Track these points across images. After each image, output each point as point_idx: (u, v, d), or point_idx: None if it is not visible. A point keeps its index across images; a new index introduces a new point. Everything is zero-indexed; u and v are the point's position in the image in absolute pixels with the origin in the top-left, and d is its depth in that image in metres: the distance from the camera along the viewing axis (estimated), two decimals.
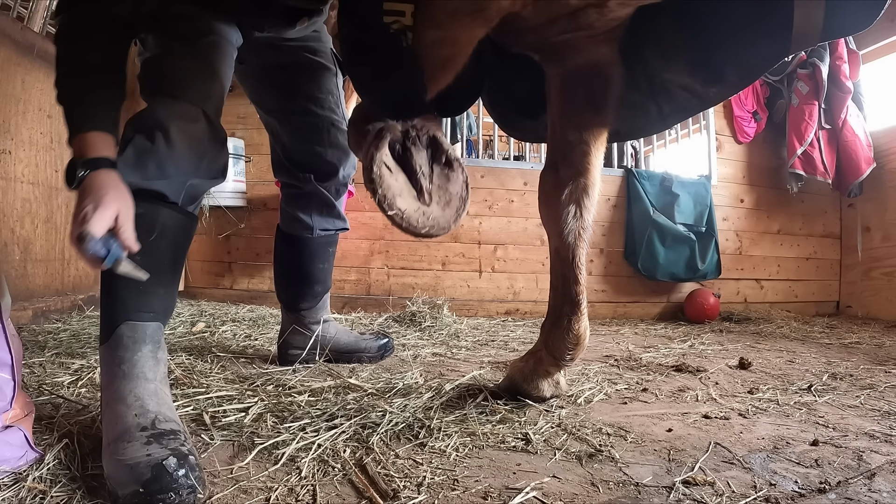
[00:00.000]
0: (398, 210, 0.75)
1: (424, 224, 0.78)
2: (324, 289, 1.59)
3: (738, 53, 1.04)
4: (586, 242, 1.16)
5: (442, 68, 1.01)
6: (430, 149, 0.82)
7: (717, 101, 1.19)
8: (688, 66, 1.08)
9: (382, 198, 0.75)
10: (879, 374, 1.61)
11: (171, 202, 0.98)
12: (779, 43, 0.97)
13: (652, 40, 1.09)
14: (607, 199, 3.13)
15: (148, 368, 0.90)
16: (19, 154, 2.01)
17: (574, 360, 1.18)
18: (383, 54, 0.97)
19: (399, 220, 0.76)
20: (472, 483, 0.81)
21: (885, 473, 0.87)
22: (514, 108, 1.40)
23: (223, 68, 1.08)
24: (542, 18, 0.99)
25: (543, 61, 1.19)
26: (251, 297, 2.92)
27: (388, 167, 0.77)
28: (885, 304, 3.10)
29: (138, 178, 0.92)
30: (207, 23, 1.09)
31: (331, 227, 1.54)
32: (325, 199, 1.50)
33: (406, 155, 0.79)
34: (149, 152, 0.93)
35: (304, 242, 1.53)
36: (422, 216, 0.78)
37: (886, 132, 3.19)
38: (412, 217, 0.77)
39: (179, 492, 0.70)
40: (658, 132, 2.60)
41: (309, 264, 1.54)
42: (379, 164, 0.75)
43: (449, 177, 0.83)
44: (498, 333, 2.30)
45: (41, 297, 2.12)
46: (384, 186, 0.75)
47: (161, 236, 0.96)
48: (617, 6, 0.94)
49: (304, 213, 1.50)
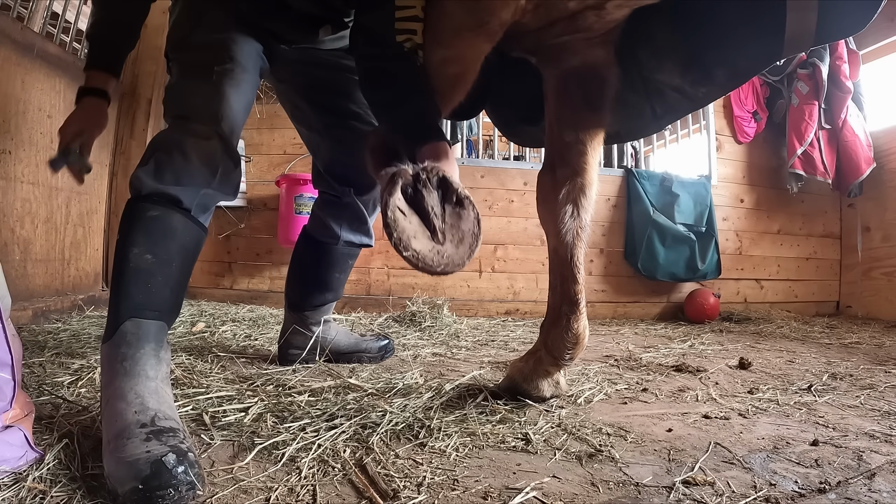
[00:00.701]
0: (413, 251, 0.79)
1: (440, 262, 0.81)
2: (334, 297, 1.61)
3: (728, 55, 1.05)
4: (584, 242, 1.17)
5: (453, 87, 1.04)
6: (441, 189, 0.86)
7: (706, 101, 1.21)
8: (678, 67, 1.09)
9: (398, 240, 0.78)
10: (879, 374, 1.61)
11: (183, 208, 1.02)
12: (771, 46, 0.98)
13: (645, 41, 1.10)
14: (607, 199, 3.13)
15: (150, 367, 0.90)
16: (19, 154, 2.01)
17: (574, 359, 1.18)
18: (398, 75, 1.00)
19: (415, 261, 0.79)
20: (472, 483, 0.81)
21: (885, 473, 0.87)
22: (515, 114, 1.41)
23: (235, 93, 1.11)
24: (541, 22, 0.99)
25: (540, 64, 1.19)
26: (251, 297, 2.92)
27: (402, 210, 0.81)
28: (885, 304, 3.10)
29: (156, 185, 0.99)
30: (226, 51, 1.13)
31: (356, 241, 1.55)
32: (358, 214, 1.51)
33: (418, 197, 0.83)
34: (167, 164, 1.01)
35: (326, 249, 1.54)
36: (436, 255, 0.81)
37: (886, 132, 3.19)
38: (427, 257, 0.80)
39: (178, 488, 0.70)
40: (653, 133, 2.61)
41: (327, 272, 1.56)
42: (393, 208, 0.79)
43: (461, 215, 0.86)
44: (498, 333, 2.30)
45: (41, 297, 2.12)
46: (399, 230, 0.78)
47: (171, 238, 0.99)
48: (614, 8, 0.95)
49: (335, 222, 1.51)
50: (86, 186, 2.45)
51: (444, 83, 1.03)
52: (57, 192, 2.24)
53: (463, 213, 0.86)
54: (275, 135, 3.06)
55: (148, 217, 0.98)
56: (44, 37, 2.17)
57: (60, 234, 2.28)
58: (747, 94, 3.34)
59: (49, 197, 2.20)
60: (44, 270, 2.17)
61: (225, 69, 1.12)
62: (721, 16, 1.01)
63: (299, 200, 2.70)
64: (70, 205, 2.34)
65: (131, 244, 0.96)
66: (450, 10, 0.96)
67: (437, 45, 0.99)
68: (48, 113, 2.16)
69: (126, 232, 0.98)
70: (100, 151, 2.54)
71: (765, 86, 3.37)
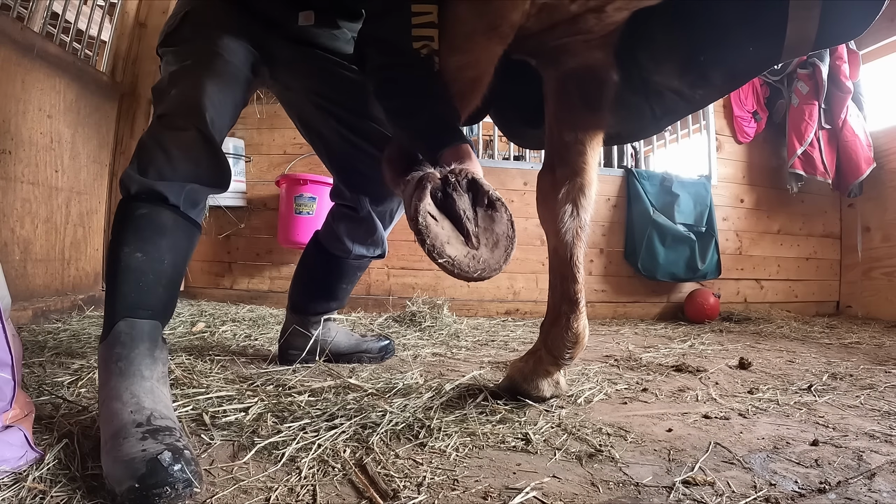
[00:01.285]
0: (448, 258, 0.76)
1: (476, 268, 0.78)
2: (338, 305, 1.60)
3: (725, 57, 1.05)
4: (584, 241, 1.17)
5: (471, 91, 1.06)
6: (471, 192, 0.83)
7: (704, 104, 1.22)
8: (676, 69, 1.10)
9: (431, 247, 0.76)
10: (879, 374, 1.61)
11: (171, 204, 1.01)
12: (769, 50, 0.98)
13: (645, 43, 1.10)
14: (607, 199, 3.13)
15: (145, 366, 0.90)
16: (19, 154, 2.01)
17: (573, 358, 1.18)
18: (414, 82, 1.00)
19: (451, 267, 0.77)
20: (472, 483, 0.81)
21: (885, 473, 0.87)
22: (518, 116, 1.41)
23: (216, 85, 1.10)
24: (543, 25, 1.00)
25: (540, 66, 1.20)
26: (251, 297, 2.92)
27: (433, 216, 0.78)
28: (885, 304, 3.10)
29: (143, 180, 1.00)
30: (209, 44, 1.13)
31: (368, 253, 1.53)
32: (372, 229, 1.47)
33: (448, 201, 0.80)
34: (149, 161, 1.01)
35: (336, 261, 1.53)
36: (472, 260, 0.79)
37: (886, 132, 3.19)
38: (463, 262, 0.78)
39: (175, 486, 0.70)
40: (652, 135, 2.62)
41: (334, 282, 1.55)
42: (424, 214, 0.76)
43: (493, 217, 0.84)
44: (498, 333, 2.30)
45: (41, 297, 2.12)
46: (431, 236, 0.76)
47: (160, 235, 0.99)
48: (614, 11, 0.95)
49: (348, 237, 1.48)
50: (86, 186, 2.45)
51: (462, 87, 1.04)
52: (57, 192, 2.24)
53: (496, 215, 0.84)
54: (275, 135, 3.06)
55: (137, 216, 0.98)
56: (44, 37, 2.17)
57: (60, 234, 2.28)
58: (747, 94, 3.34)
59: (49, 197, 2.19)
60: (44, 270, 2.17)
61: (205, 61, 1.11)
62: (719, 18, 1.01)
63: (299, 200, 2.70)
64: (70, 205, 2.34)
65: (122, 243, 0.97)
66: (462, 15, 0.97)
67: (452, 51, 1.00)
68: (48, 113, 2.16)
69: (117, 232, 0.99)
70: (99, 151, 2.54)
71: (765, 86, 3.37)
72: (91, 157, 2.48)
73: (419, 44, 0.98)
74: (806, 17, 0.91)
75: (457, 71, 1.02)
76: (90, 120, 2.44)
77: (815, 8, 0.90)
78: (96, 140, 2.50)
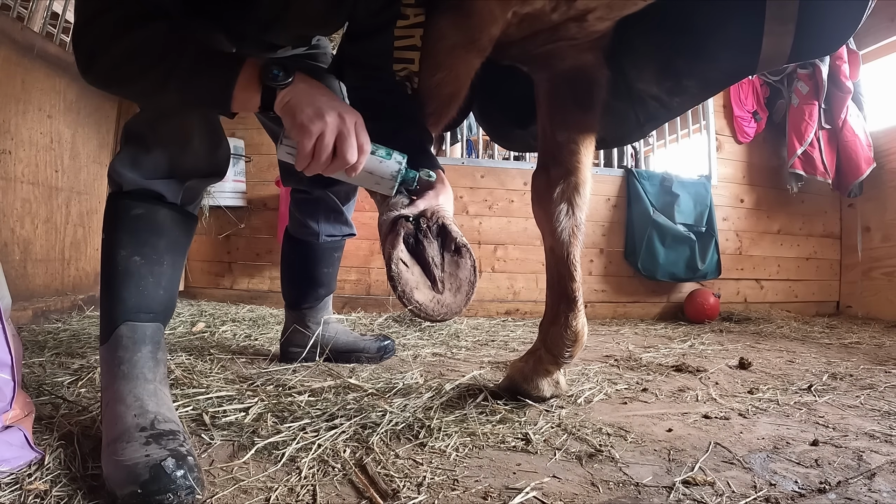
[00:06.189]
0: (416, 304, 0.83)
1: (439, 312, 0.86)
2: (327, 291, 1.61)
3: (700, 67, 1.08)
4: (580, 240, 1.18)
5: (447, 106, 1.08)
6: (441, 237, 0.89)
7: (682, 110, 1.25)
8: (655, 76, 1.13)
9: (402, 293, 0.82)
10: (879, 374, 1.61)
11: (169, 202, 0.99)
12: (745, 60, 1.01)
13: (627, 50, 1.12)
14: (607, 199, 3.13)
15: (147, 369, 0.90)
16: (19, 154, 2.01)
17: (573, 357, 1.19)
18: (387, 107, 1.00)
19: (418, 312, 0.84)
20: (472, 483, 0.81)
21: (885, 473, 0.87)
22: (503, 118, 1.43)
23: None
24: (524, 33, 1.01)
25: (531, 71, 1.21)
26: (251, 297, 2.92)
27: (405, 262, 0.85)
28: (885, 304, 3.10)
29: (137, 177, 0.96)
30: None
31: (337, 233, 1.56)
32: (332, 206, 1.51)
33: (419, 248, 0.87)
34: (143, 150, 0.96)
35: (309, 247, 1.55)
36: (436, 304, 0.86)
37: (886, 132, 3.18)
38: (428, 307, 0.85)
39: (177, 492, 0.70)
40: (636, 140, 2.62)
41: (314, 268, 1.56)
42: (397, 261, 0.83)
43: (458, 263, 0.90)
44: (498, 333, 2.30)
45: (41, 297, 2.12)
46: (402, 282, 0.83)
47: (158, 236, 0.97)
48: (595, 20, 0.96)
49: (312, 219, 1.51)
50: (86, 186, 2.45)
51: (439, 104, 1.06)
52: (57, 192, 2.24)
53: (461, 261, 0.90)
54: None
55: (133, 216, 0.95)
56: (44, 37, 2.17)
57: (60, 234, 2.28)
58: (747, 94, 3.34)
59: (49, 197, 2.19)
60: (44, 270, 2.17)
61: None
62: (696, 28, 1.03)
63: None
64: (70, 205, 2.34)
65: (118, 245, 0.94)
66: (444, 31, 0.98)
67: (433, 68, 1.01)
68: (48, 113, 2.16)
69: (111, 231, 0.96)
70: (100, 151, 2.54)
71: (765, 86, 3.37)
72: (91, 157, 2.48)
73: (399, 66, 0.99)
74: (781, 32, 0.94)
75: (437, 88, 1.04)
76: (90, 120, 2.44)
77: (790, 23, 0.93)
78: (96, 140, 2.50)
